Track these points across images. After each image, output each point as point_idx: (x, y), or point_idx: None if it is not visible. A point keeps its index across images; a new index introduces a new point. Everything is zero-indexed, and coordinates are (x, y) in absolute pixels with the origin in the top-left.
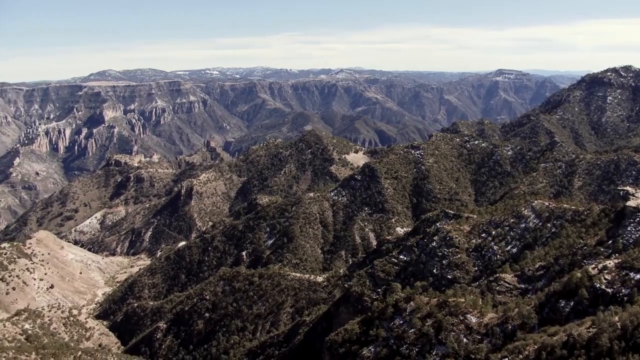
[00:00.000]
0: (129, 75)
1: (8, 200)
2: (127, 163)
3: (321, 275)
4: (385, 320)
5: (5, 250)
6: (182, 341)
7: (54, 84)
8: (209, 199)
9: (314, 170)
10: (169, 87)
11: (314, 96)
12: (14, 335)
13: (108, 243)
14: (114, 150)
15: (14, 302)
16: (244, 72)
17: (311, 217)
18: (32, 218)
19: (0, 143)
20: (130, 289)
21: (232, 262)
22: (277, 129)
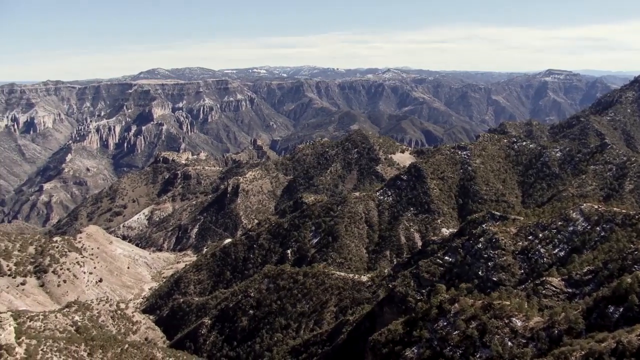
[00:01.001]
0: (178, 73)
1: (60, 195)
2: (174, 160)
3: (365, 274)
4: (429, 322)
5: (57, 244)
6: (226, 337)
7: (105, 82)
8: (255, 197)
9: (360, 169)
10: (217, 86)
11: (361, 95)
12: (65, 326)
13: (155, 239)
14: (162, 147)
15: (64, 294)
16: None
17: (356, 216)
18: (83, 213)
19: (54, 140)
20: (176, 285)
21: (277, 260)
22: (324, 128)
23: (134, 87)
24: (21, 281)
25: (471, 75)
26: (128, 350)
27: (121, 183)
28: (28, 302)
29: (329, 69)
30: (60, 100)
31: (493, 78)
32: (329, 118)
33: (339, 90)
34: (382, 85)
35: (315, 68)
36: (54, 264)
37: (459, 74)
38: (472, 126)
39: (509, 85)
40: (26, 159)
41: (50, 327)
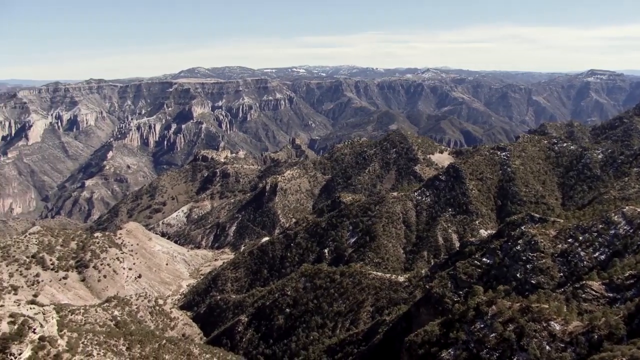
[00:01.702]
0: (218, 72)
1: (101, 191)
2: (213, 158)
3: (402, 275)
4: (466, 323)
5: (98, 240)
6: (262, 335)
7: (147, 80)
8: (293, 196)
9: (398, 169)
10: (256, 85)
11: (400, 95)
12: (105, 320)
13: (193, 236)
14: (201, 145)
15: (104, 289)
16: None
17: (394, 216)
18: (123, 209)
19: (96, 137)
20: (214, 282)
21: (314, 259)
22: (362, 128)
23: (174, 85)
24: (63, 275)
25: (511, 75)
26: (165, 346)
27: (161, 180)
28: (70, 295)
29: (368, 68)
30: (102, 99)
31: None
32: (367, 118)
33: (378, 90)
34: (421, 85)
35: (355, 67)
36: (94, 259)
37: (498, 74)
38: (512, 127)
39: (550, 86)
40: (69, 156)
41: (90, 321)
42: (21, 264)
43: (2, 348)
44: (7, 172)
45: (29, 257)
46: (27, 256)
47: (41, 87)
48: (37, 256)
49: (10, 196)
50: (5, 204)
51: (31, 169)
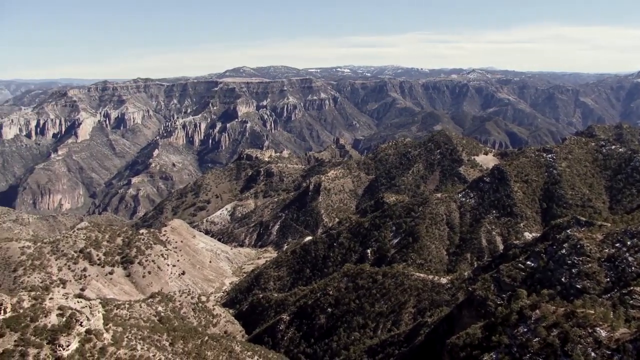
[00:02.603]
0: (263, 72)
1: (147, 189)
2: (258, 157)
3: (445, 276)
4: (509, 327)
5: (143, 236)
6: (303, 334)
7: (192, 80)
8: (337, 196)
9: (442, 170)
10: (301, 84)
11: (445, 96)
12: (149, 315)
13: (237, 234)
14: (246, 144)
15: (149, 285)
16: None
17: (438, 217)
18: (168, 207)
19: (142, 135)
20: (256, 280)
21: (357, 259)
22: (407, 128)
23: (219, 85)
24: (109, 270)
25: (558, 76)
26: (208, 342)
27: (205, 179)
28: (115, 290)
29: (412, 68)
30: (149, 97)
31: (581, 79)
32: (412, 118)
33: (422, 90)
34: (466, 85)
35: (399, 68)
36: (139, 256)
37: (545, 75)
38: (559, 128)
39: (598, 87)
40: (116, 154)
41: (135, 316)
42: (69, 259)
43: (52, 339)
44: (57, 169)
45: (77, 252)
46: (75, 251)
47: (90, 86)
48: (85, 251)
49: (60, 192)
50: (55, 200)
51: (80, 166)
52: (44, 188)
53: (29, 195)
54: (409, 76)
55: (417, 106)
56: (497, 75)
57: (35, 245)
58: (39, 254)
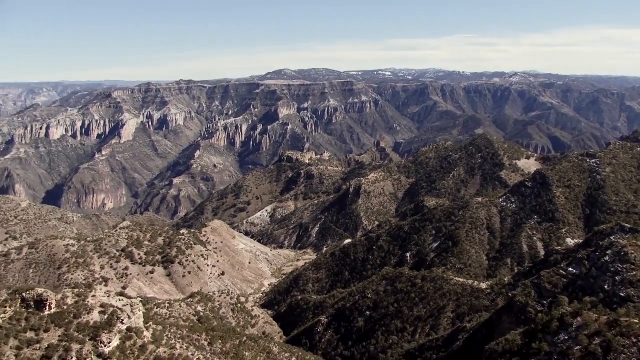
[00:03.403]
0: (304, 74)
1: (188, 189)
2: (298, 160)
3: (485, 282)
4: (550, 334)
5: (183, 237)
6: (341, 337)
7: (234, 82)
8: (377, 199)
9: (483, 174)
10: (342, 87)
11: (486, 99)
12: (188, 315)
13: (277, 236)
14: (287, 146)
15: (189, 285)
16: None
17: (478, 222)
18: (209, 208)
19: (184, 136)
20: (295, 282)
21: (396, 262)
22: (448, 132)
23: (261, 87)
24: (150, 270)
25: (603, 79)
26: (246, 343)
27: (246, 180)
28: (156, 289)
29: (454, 71)
30: (191, 99)
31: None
32: (453, 122)
33: (464, 94)
34: (508, 89)
35: (441, 71)
36: (180, 256)
37: (590, 78)
38: (603, 133)
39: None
40: (158, 154)
41: (174, 315)
42: (112, 257)
43: (94, 336)
44: (101, 169)
45: (119, 251)
46: (118, 250)
47: (134, 88)
48: (127, 250)
49: (103, 192)
50: (99, 199)
51: (123, 166)
52: (88, 187)
53: (74, 195)
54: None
55: (458, 110)
56: (540, 78)
57: (79, 243)
58: (83, 252)
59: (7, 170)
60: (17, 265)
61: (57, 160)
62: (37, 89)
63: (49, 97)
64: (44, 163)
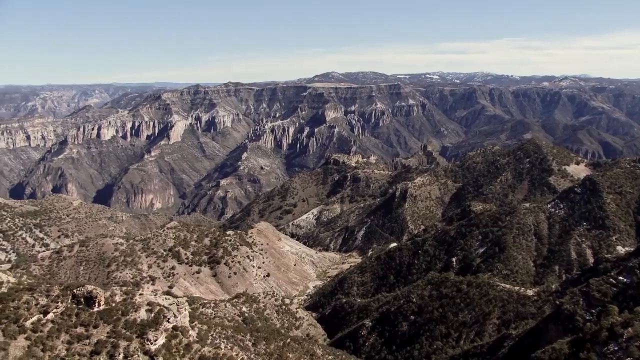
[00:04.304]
0: (351, 77)
1: (235, 191)
2: (345, 162)
3: (531, 288)
4: (598, 345)
5: (230, 238)
6: (385, 341)
7: (282, 84)
8: (423, 203)
9: (531, 180)
10: (389, 90)
11: (535, 104)
12: (233, 315)
13: (322, 238)
14: (333, 149)
15: (234, 286)
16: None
17: (525, 228)
18: (255, 209)
19: (232, 138)
20: (340, 285)
21: (441, 267)
22: (495, 136)
23: (308, 89)
24: (196, 270)
25: None
26: (290, 345)
27: (292, 182)
28: (201, 289)
29: (503, 75)
30: (239, 101)
31: None
32: (501, 126)
33: (512, 98)
34: (558, 93)
35: (489, 75)
36: (226, 256)
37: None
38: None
39: None
40: (206, 156)
41: (219, 315)
42: (159, 257)
43: (140, 333)
44: (150, 170)
45: (166, 251)
46: (165, 249)
47: (183, 90)
48: (174, 250)
49: (152, 192)
50: (147, 199)
51: (171, 167)
52: (137, 187)
53: (123, 194)
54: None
55: (506, 114)
56: (591, 82)
57: (127, 242)
58: (131, 251)
59: (60, 170)
60: (69, 262)
61: (108, 161)
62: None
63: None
64: (95, 163)
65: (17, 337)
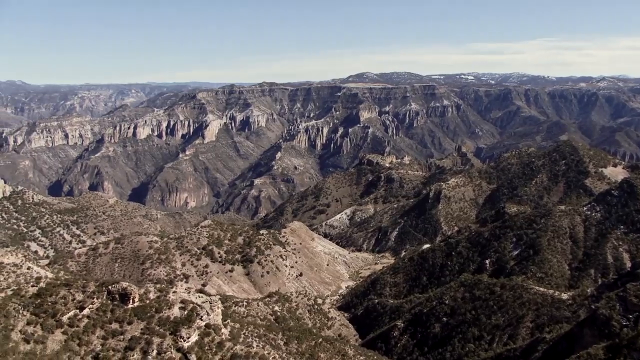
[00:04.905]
0: (385, 77)
1: (269, 190)
2: (378, 163)
3: (566, 292)
4: (635, 351)
5: (263, 237)
6: (417, 342)
7: (316, 84)
8: (457, 204)
9: (567, 182)
10: (423, 91)
11: (572, 105)
12: (265, 314)
13: (355, 239)
14: (367, 149)
15: (267, 285)
16: (499, 78)
17: (560, 230)
18: (288, 209)
19: (266, 138)
20: (372, 285)
21: (475, 269)
22: (531, 137)
23: (342, 90)
24: (229, 268)
25: None
26: (321, 344)
27: (326, 182)
28: (234, 288)
29: (539, 76)
30: (273, 101)
31: None
32: (536, 127)
33: (548, 99)
34: (595, 94)
35: (525, 75)
36: (259, 255)
37: None
38: None
39: None
40: (240, 155)
41: (252, 314)
42: (192, 255)
43: (174, 330)
44: (184, 168)
45: (199, 249)
46: (198, 248)
47: (218, 89)
48: (207, 248)
49: (186, 191)
50: (182, 198)
51: (205, 166)
52: (172, 186)
53: (158, 193)
54: (535, 84)
55: (542, 115)
56: (629, 83)
57: (162, 240)
58: (165, 249)
59: (96, 168)
60: (104, 259)
61: (143, 159)
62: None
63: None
64: (131, 161)
65: (55, 331)
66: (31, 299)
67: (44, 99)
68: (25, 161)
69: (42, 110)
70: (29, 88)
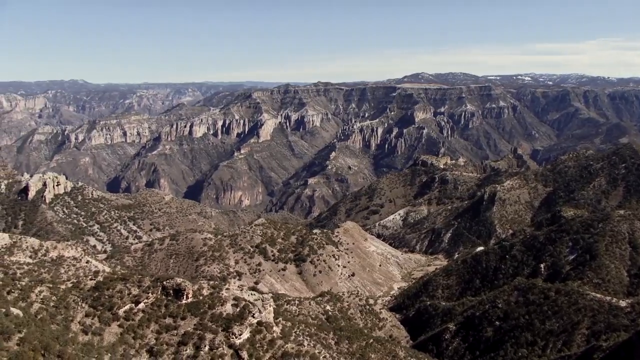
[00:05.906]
0: (441, 78)
1: (322, 190)
2: (433, 164)
3: (624, 299)
4: None
5: (316, 236)
6: (469, 345)
7: (371, 84)
8: (511, 207)
9: (626, 186)
10: (479, 92)
11: (633, 106)
12: (317, 313)
13: (408, 240)
14: (422, 150)
15: (319, 284)
16: (557, 79)
17: (619, 236)
18: (342, 209)
19: (320, 137)
20: (425, 287)
21: (529, 273)
22: (589, 140)
23: (397, 90)
24: (282, 267)
25: None
26: (372, 345)
27: (380, 183)
28: (286, 286)
29: (598, 77)
30: (328, 101)
31: None
32: (595, 129)
33: (608, 101)
34: None
35: (584, 76)
36: (312, 255)
37: None
38: None
39: None
40: (294, 154)
41: (303, 313)
42: (246, 253)
43: (226, 327)
44: (239, 167)
45: (253, 247)
46: (252, 246)
47: (273, 89)
48: (260, 247)
49: (241, 189)
50: (236, 196)
51: (260, 165)
52: (227, 184)
53: (213, 190)
54: (594, 85)
55: (601, 117)
56: None
57: (216, 237)
58: (219, 246)
59: (153, 165)
60: (159, 254)
61: (199, 157)
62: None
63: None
64: (187, 159)
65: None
66: (89, 292)
67: (104, 97)
68: (86, 158)
69: (102, 109)
70: (90, 87)
